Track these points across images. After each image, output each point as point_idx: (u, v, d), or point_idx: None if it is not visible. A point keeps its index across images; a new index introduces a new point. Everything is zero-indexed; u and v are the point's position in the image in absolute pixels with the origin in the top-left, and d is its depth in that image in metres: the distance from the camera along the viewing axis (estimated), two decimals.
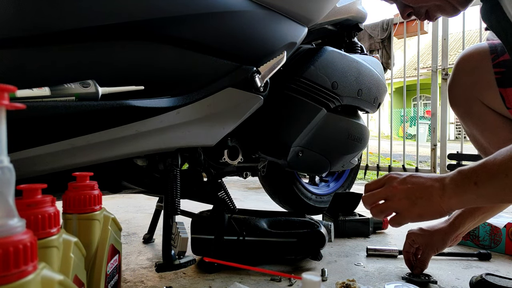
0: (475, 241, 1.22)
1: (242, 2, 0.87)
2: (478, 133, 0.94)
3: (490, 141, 0.90)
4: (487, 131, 0.92)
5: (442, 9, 0.77)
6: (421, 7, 0.78)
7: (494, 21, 0.70)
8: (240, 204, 2.02)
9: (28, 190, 0.43)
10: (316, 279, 0.36)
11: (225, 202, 1.03)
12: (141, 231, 1.41)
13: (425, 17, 0.80)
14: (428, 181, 0.64)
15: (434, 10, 0.77)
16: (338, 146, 1.21)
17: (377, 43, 3.70)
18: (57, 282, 0.36)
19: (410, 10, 0.79)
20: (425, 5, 0.77)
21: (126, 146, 0.73)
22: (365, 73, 1.22)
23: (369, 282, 0.92)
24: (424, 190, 0.64)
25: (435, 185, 0.63)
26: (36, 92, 0.61)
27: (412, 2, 0.77)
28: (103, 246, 0.60)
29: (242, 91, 0.88)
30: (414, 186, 0.65)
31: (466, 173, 0.60)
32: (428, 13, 0.79)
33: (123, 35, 0.72)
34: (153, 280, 0.93)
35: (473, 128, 0.96)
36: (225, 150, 0.97)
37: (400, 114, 12.88)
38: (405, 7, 0.79)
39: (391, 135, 3.63)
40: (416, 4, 0.77)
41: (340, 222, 1.35)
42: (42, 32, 0.65)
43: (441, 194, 0.62)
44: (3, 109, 0.32)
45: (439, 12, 0.78)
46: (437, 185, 0.63)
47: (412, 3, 0.77)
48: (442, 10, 0.77)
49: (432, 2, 0.76)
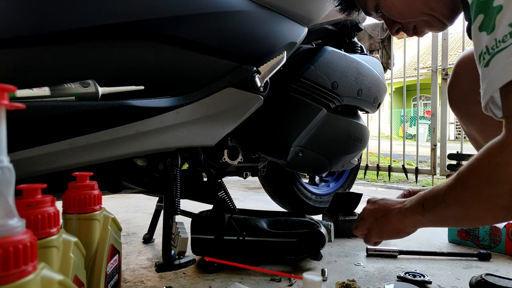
0: (475, 241, 1.22)
1: (242, 2, 0.87)
2: (478, 133, 0.94)
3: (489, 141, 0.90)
4: (486, 132, 0.92)
5: (430, 25, 0.78)
6: (409, 23, 0.79)
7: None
8: (240, 204, 2.02)
9: (28, 190, 0.43)
10: (317, 279, 0.36)
11: (225, 202, 1.03)
12: (141, 231, 1.41)
13: (413, 33, 0.81)
14: (393, 202, 0.72)
15: (422, 25, 0.78)
16: (338, 146, 1.21)
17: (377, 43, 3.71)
18: (57, 282, 0.36)
19: (398, 26, 0.80)
20: (413, 21, 0.78)
21: (126, 146, 0.73)
22: (365, 73, 1.22)
23: (369, 282, 0.92)
24: (386, 211, 0.72)
25: (396, 206, 0.70)
26: (36, 92, 0.61)
27: (400, 18, 0.78)
28: (103, 246, 0.60)
29: (242, 91, 0.88)
30: (380, 207, 0.74)
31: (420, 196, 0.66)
32: (416, 29, 0.80)
33: (123, 35, 0.72)
34: (153, 280, 0.93)
35: (472, 129, 0.96)
36: (225, 150, 0.97)
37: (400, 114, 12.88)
38: (393, 23, 0.80)
39: (391, 135, 3.63)
40: (404, 20, 0.78)
41: (340, 222, 1.35)
42: (42, 32, 0.65)
43: (398, 215, 0.69)
44: (3, 109, 0.32)
45: (426, 27, 0.79)
46: (398, 206, 0.70)
47: (400, 19, 0.78)
48: (430, 26, 0.78)
49: (419, 18, 0.76)
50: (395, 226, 0.71)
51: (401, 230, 0.71)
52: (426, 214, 0.64)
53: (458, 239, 1.26)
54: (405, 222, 0.68)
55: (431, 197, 0.63)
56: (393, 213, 0.70)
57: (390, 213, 0.71)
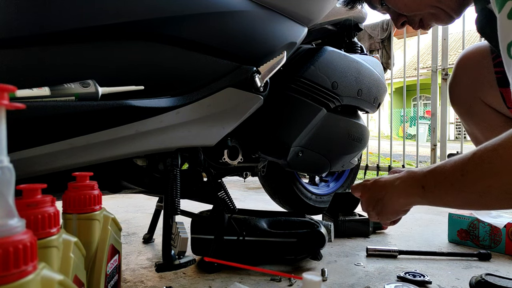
0: (475, 241, 1.22)
1: (242, 2, 0.87)
2: (479, 132, 0.94)
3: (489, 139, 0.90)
4: (487, 130, 0.92)
5: (437, 17, 0.76)
6: (415, 15, 0.77)
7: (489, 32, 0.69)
8: (240, 204, 2.02)
9: (28, 190, 0.43)
10: (316, 279, 0.36)
11: (225, 202, 1.03)
12: (141, 231, 1.41)
13: (419, 26, 0.79)
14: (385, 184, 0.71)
15: (428, 18, 0.76)
16: (338, 146, 1.21)
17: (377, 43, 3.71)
18: (57, 282, 0.36)
19: (404, 19, 0.78)
20: (419, 14, 0.76)
21: (126, 146, 0.73)
22: (365, 73, 1.22)
23: (369, 282, 0.92)
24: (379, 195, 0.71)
25: (388, 186, 0.70)
26: (36, 92, 0.61)
27: (406, 10, 0.76)
28: (103, 246, 0.60)
29: (242, 91, 0.88)
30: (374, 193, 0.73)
31: (417, 176, 0.64)
32: (423, 22, 0.78)
33: (123, 35, 0.72)
34: (153, 280, 0.93)
35: (473, 127, 0.96)
36: (225, 150, 0.97)
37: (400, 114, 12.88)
38: (399, 16, 0.78)
39: (391, 135, 3.63)
40: (410, 12, 0.76)
41: (340, 222, 1.35)
42: (42, 32, 0.65)
43: (391, 195, 0.69)
44: (3, 109, 0.32)
45: (433, 20, 0.77)
46: (390, 186, 0.69)
47: (406, 11, 0.76)
48: (437, 18, 0.76)
49: (426, 11, 0.74)
50: (392, 209, 0.70)
51: (398, 210, 0.70)
52: (426, 197, 0.62)
53: (458, 239, 1.26)
54: (400, 202, 0.68)
55: (434, 181, 0.60)
56: (386, 197, 0.69)
57: (384, 198, 0.70)
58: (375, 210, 0.73)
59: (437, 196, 0.60)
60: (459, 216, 1.27)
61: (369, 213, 0.75)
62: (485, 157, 0.53)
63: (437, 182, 0.60)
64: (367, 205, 0.75)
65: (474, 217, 1.23)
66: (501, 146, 0.52)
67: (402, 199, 0.67)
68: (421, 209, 1.92)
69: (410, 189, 0.65)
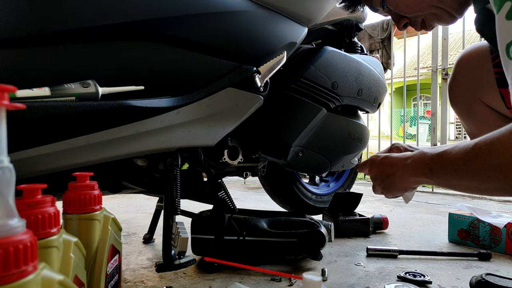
0: (475, 241, 1.22)
1: (242, 2, 0.87)
2: (478, 132, 0.94)
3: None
4: (487, 131, 0.92)
5: (439, 18, 0.76)
6: (417, 16, 0.76)
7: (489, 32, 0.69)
8: (240, 204, 2.02)
9: (28, 190, 0.43)
10: (317, 279, 0.36)
11: (225, 202, 1.03)
12: (141, 231, 1.41)
13: (422, 27, 0.79)
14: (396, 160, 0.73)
15: (430, 19, 0.76)
16: (338, 146, 1.21)
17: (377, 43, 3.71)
18: (57, 282, 0.36)
19: (406, 20, 0.78)
20: (421, 15, 0.76)
21: (126, 146, 0.73)
22: (365, 73, 1.22)
23: (369, 282, 0.92)
24: (390, 171, 0.73)
25: (399, 164, 0.71)
26: (36, 92, 0.61)
27: (408, 12, 0.76)
28: (103, 246, 0.60)
29: (242, 91, 0.88)
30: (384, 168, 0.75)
31: (426, 158, 0.67)
32: (425, 23, 0.78)
33: (123, 35, 0.72)
34: (153, 280, 0.93)
35: (473, 127, 0.96)
36: (225, 150, 0.97)
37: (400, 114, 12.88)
38: (400, 17, 0.78)
39: (391, 135, 3.63)
40: (412, 14, 0.76)
41: (340, 222, 1.35)
42: (42, 32, 0.65)
43: (402, 173, 0.71)
44: (3, 109, 0.32)
45: (435, 20, 0.77)
46: (401, 164, 0.71)
47: (407, 13, 0.76)
48: (439, 19, 0.76)
49: (428, 11, 0.74)
50: (401, 186, 0.73)
51: (407, 187, 0.74)
52: (433, 178, 0.65)
53: (458, 239, 1.26)
54: (410, 180, 0.71)
55: (440, 165, 0.63)
56: (396, 174, 0.72)
57: (394, 174, 0.72)
58: (383, 185, 0.75)
59: (442, 179, 0.63)
60: (459, 216, 1.27)
61: (375, 188, 0.78)
62: (484, 149, 0.56)
63: (442, 166, 0.63)
64: (375, 180, 0.77)
65: (474, 217, 1.23)
66: (498, 141, 0.54)
67: (412, 178, 0.69)
68: (421, 209, 1.92)
69: (419, 169, 0.67)
